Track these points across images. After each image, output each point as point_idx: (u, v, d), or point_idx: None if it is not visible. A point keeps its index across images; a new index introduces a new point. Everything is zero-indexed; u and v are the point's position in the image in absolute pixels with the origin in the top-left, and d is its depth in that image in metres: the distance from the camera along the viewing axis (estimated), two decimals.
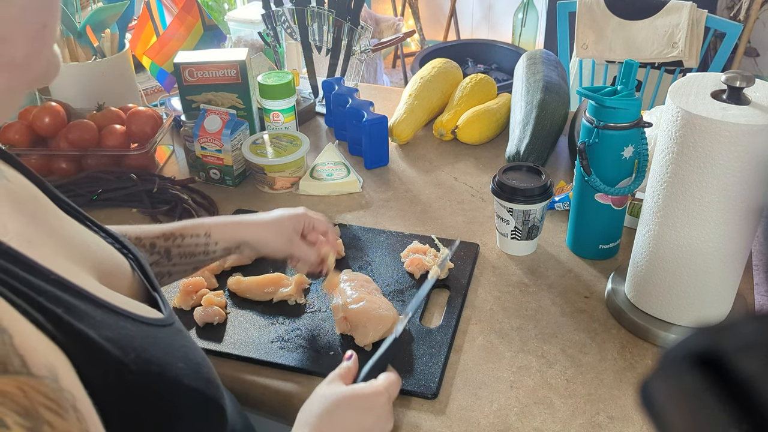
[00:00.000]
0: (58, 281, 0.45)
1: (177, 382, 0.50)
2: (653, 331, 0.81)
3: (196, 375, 0.52)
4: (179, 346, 0.53)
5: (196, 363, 0.54)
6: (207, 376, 0.54)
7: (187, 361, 0.52)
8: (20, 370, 0.36)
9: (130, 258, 0.60)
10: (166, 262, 0.75)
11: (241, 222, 0.80)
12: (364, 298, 0.82)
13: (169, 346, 0.52)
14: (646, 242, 0.80)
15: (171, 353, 0.51)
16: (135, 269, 0.60)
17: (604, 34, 1.81)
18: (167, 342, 0.52)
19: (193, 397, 0.52)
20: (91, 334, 0.44)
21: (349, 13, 1.34)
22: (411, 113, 1.30)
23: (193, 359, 0.54)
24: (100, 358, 0.44)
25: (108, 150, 1.18)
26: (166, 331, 0.53)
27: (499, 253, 0.99)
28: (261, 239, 0.79)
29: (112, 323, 0.47)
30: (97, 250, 0.56)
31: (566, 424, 0.72)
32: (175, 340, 0.53)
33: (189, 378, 0.51)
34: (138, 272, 0.60)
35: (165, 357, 0.50)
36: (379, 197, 1.14)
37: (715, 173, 0.69)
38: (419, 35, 3.42)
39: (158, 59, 1.40)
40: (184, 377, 0.51)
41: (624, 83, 0.87)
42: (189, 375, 0.51)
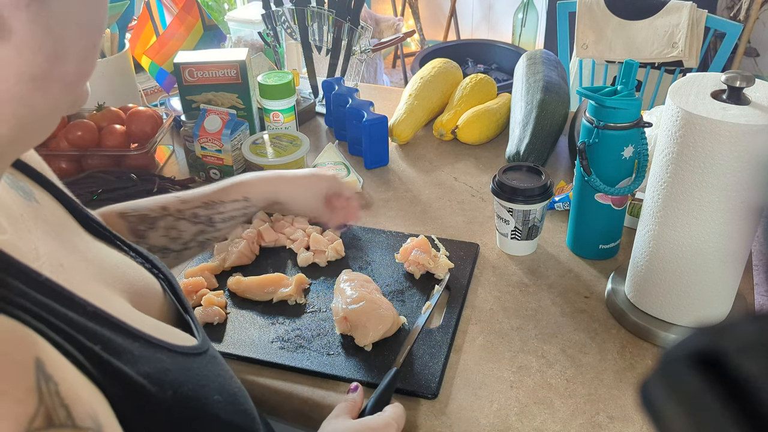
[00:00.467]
0: (96, 313, 0.43)
1: (214, 417, 0.49)
2: (653, 331, 0.81)
3: (233, 408, 0.51)
4: (215, 376, 0.52)
5: (232, 394, 0.53)
6: (243, 407, 0.53)
7: (223, 393, 0.51)
8: (66, 423, 0.35)
9: (160, 278, 0.59)
10: (211, 229, 0.78)
11: (277, 179, 0.82)
12: (364, 298, 0.82)
13: (205, 377, 0.51)
14: (646, 242, 0.80)
15: (207, 385, 0.50)
16: (166, 290, 0.59)
17: (604, 34, 1.82)
18: (203, 373, 0.51)
19: (227, 430, 0.51)
20: (129, 372, 0.43)
21: (349, 13, 1.34)
22: (411, 113, 1.30)
23: (229, 390, 0.53)
24: (138, 396, 0.43)
25: (108, 150, 1.18)
26: (201, 360, 0.52)
27: (499, 253, 0.99)
28: (293, 198, 0.82)
29: (149, 356, 0.46)
30: (128, 271, 0.55)
31: (566, 424, 0.72)
32: (210, 370, 0.52)
33: (226, 411, 0.50)
34: (169, 293, 0.59)
35: (202, 390, 0.49)
36: (379, 197, 1.14)
37: (715, 173, 0.69)
38: (419, 35, 3.42)
39: (158, 59, 1.40)
40: (221, 410, 0.50)
41: (624, 83, 0.87)
42: (226, 408, 0.50)
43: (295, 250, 0.99)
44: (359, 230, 1.04)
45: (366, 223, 1.07)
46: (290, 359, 0.80)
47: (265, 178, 0.81)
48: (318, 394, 0.77)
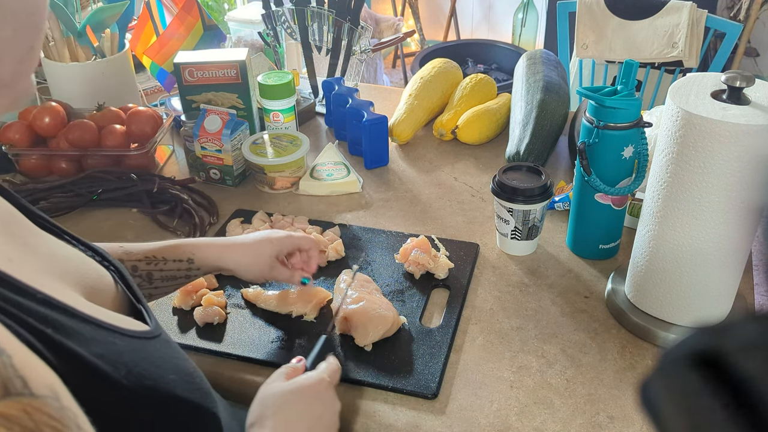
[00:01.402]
0: (45, 300, 0.45)
1: (170, 395, 0.50)
2: (653, 331, 0.81)
3: (188, 386, 0.52)
4: (169, 357, 0.53)
5: (187, 374, 0.54)
6: (199, 385, 0.54)
7: (178, 372, 0.52)
8: (22, 392, 0.36)
9: (112, 270, 0.60)
10: (148, 285, 0.76)
11: (224, 246, 0.80)
12: (364, 298, 0.82)
13: (160, 358, 0.52)
14: (646, 242, 0.80)
15: (162, 366, 0.51)
16: (117, 281, 0.60)
17: (604, 34, 1.81)
18: (157, 354, 0.52)
19: (186, 408, 0.52)
20: (81, 352, 0.44)
21: (349, 13, 1.34)
22: (411, 113, 1.30)
23: (184, 370, 0.54)
24: (92, 377, 0.44)
25: (108, 150, 1.18)
26: (155, 343, 0.53)
27: (499, 253, 0.99)
28: (241, 266, 0.80)
29: (101, 339, 0.47)
30: (79, 264, 0.56)
31: (566, 424, 0.72)
32: (164, 352, 0.53)
33: (182, 389, 0.51)
34: (121, 284, 0.60)
35: (156, 370, 0.50)
36: (379, 197, 1.14)
37: (715, 173, 0.69)
38: (419, 35, 3.42)
39: (158, 59, 1.40)
40: (177, 389, 0.51)
41: (624, 83, 0.87)
42: (181, 386, 0.51)
43: None
44: (359, 230, 1.04)
45: (366, 223, 1.07)
46: (290, 359, 0.80)
47: (212, 243, 0.80)
48: None
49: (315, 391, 0.65)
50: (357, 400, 0.76)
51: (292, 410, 0.63)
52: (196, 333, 0.85)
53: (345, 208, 1.12)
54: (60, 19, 1.27)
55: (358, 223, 1.07)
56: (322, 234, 1.01)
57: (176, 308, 0.89)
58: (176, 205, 1.11)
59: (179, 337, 0.85)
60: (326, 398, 0.66)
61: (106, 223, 1.10)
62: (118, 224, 1.10)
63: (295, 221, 1.05)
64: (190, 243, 0.79)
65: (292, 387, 0.65)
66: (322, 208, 1.12)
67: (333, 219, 1.08)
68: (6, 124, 1.19)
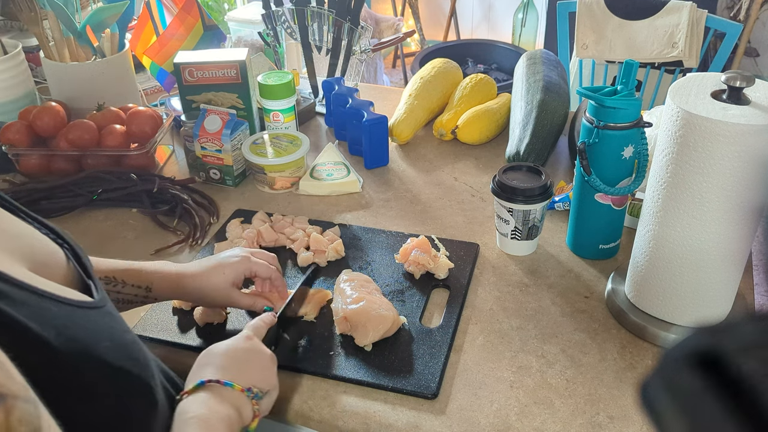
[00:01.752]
0: None
1: (100, 360, 0.51)
2: (653, 331, 0.81)
3: (121, 354, 0.53)
4: (107, 327, 0.54)
5: (123, 343, 0.54)
6: (135, 356, 0.55)
7: (113, 340, 0.53)
8: None
9: (65, 248, 0.61)
10: None
11: (180, 276, 0.79)
12: (364, 298, 0.82)
13: (95, 325, 0.52)
14: (646, 242, 0.80)
15: (96, 333, 0.52)
16: (70, 258, 0.60)
17: (604, 34, 1.81)
18: (93, 322, 0.53)
19: (117, 375, 0.52)
20: (9, 311, 0.45)
21: (349, 13, 1.34)
22: (411, 113, 1.30)
23: (120, 339, 0.54)
24: (20, 335, 0.45)
25: (108, 150, 1.18)
26: (95, 312, 0.54)
27: (499, 253, 0.99)
28: (200, 293, 0.80)
29: (33, 303, 0.48)
30: (30, 240, 0.57)
31: (566, 424, 0.72)
32: (103, 321, 0.54)
33: (113, 356, 0.52)
34: (73, 261, 0.60)
35: (89, 335, 0.51)
36: (379, 197, 1.14)
37: (715, 173, 0.69)
38: (419, 35, 3.42)
39: (158, 59, 1.40)
40: (108, 355, 0.51)
41: (624, 83, 0.87)
42: (114, 354, 0.52)
43: (295, 250, 0.99)
44: (359, 230, 1.04)
45: (366, 223, 1.07)
46: (290, 359, 0.80)
47: (170, 273, 0.79)
48: (318, 394, 0.77)
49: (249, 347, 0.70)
50: (357, 400, 0.76)
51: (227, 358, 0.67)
52: (196, 333, 0.85)
53: (345, 208, 1.12)
54: (60, 19, 1.27)
55: (358, 223, 1.07)
56: (322, 234, 1.01)
57: (176, 308, 0.89)
58: (176, 205, 1.11)
59: (179, 337, 0.85)
60: (250, 346, 0.70)
61: (106, 223, 1.10)
62: (118, 224, 1.10)
63: (295, 221, 1.05)
64: (151, 270, 0.78)
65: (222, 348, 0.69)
66: (322, 208, 1.12)
67: (333, 219, 1.08)
68: (6, 124, 1.19)
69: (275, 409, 0.77)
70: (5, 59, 1.29)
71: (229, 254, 0.83)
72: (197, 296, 0.80)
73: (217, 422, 0.60)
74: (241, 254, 0.83)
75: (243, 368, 0.67)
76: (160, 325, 0.87)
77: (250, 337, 0.71)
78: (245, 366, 0.67)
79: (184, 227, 1.08)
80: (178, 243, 1.04)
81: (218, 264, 0.81)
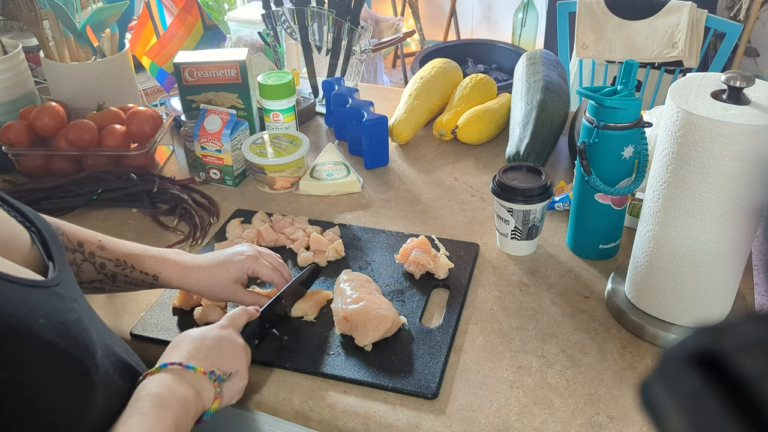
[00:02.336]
0: None
1: (32, 335, 0.51)
2: (653, 331, 0.81)
3: (57, 332, 0.53)
4: (49, 305, 0.54)
5: (63, 323, 0.55)
6: (72, 335, 0.55)
7: (50, 318, 0.53)
8: None
9: (32, 231, 0.62)
10: (110, 284, 0.79)
11: (188, 268, 0.81)
12: (364, 298, 0.82)
13: (35, 303, 0.53)
14: (646, 242, 0.80)
15: (34, 310, 0.52)
16: (35, 242, 0.61)
17: (604, 34, 1.81)
18: (35, 300, 0.53)
19: (49, 351, 0.53)
20: None
21: (349, 13, 1.34)
22: (411, 113, 1.30)
23: (60, 318, 0.55)
24: None
25: (108, 150, 1.18)
26: (38, 291, 0.55)
27: (499, 253, 0.99)
28: (202, 289, 0.82)
29: None
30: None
31: (566, 424, 0.72)
32: (46, 300, 0.55)
33: (47, 333, 0.52)
34: (38, 243, 0.61)
35: (24, 311, 0.51)
36: (379, 197, 1.14)
37: (715, 173, 0.69)
38: (419, 35, 3.42)
39: (159, 60, 1.40)
40: (42, 332, 0.52)
41: (624, 83, 0.87)
42: (49, 331, 0.52)
43: (295, 250, 0.99)
44: (359, 230, 1.04)
45: (366, 223, 1.07)
46: (290, 359, 0.80)
47: (179, 264, 0.81)
48: (318, 394, 0.77)
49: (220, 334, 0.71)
50: (357, 400, 0.76)
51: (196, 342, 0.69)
52: None
53: (345, 208, 1.12)
54: (60, 19, 1.27)
55: (358, 223, 1.07)
56: (322, 234, 1.01)
57: (176, 308, 0.89)
58: (176, 205, 1.11)
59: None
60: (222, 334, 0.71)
61: (106, 223, 1.10)
62: (118, 224, 1.10)
63: (295, 221, 1.05)
64: (160, 259, 0.81)
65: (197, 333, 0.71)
66: (322, 208, 1.12)
67: (333, 219, 1.08)
68: (6, 124, 1.19)
69: (275, 409, 0.78)
70: (5, 59, 1.29)
71: (236, 251, 0.84)
72: (202, 290, 0.82)
73: (171, 401, 0.61)
74: (247, 252, 0.84)
75: (210, 354, 0.68)
76: (160, 325, 0.87)
77: (224, 326, 0.73)
78: (213, 352, 0.69)
79: (184, 227, 1.08)
80: (178, 243, 1.04)
81: (224, 260, 0.82)
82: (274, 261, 0.87)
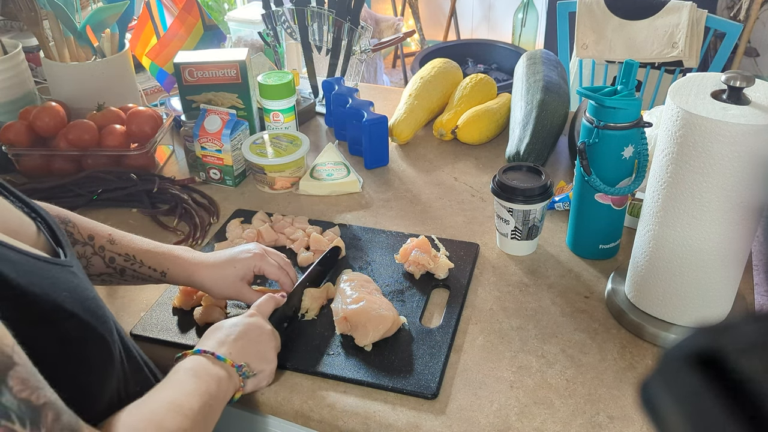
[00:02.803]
0: None
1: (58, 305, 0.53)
2: (653, 331, 0.81)
3: (79, 305, 0.55)
4: (68, 280, 0.56)
5: (83, 297, 0.56)
6: (92, 309, 0.57)
7: (71, 292, 0.55)
8: None
9: (38, 221, 0.63)
10: (119, 277, 0.80)
11: (196, 265, 0.82)
12: (364, 298, 0.82)
13: (55, 277, 0.55)
14: (646, 242, 0.80)
15: (56, 283, 0.54)
16: (42, 230, 0.62)
17: (604, 34, 1.81)
18: (53, 274, 0.55)
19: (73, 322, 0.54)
20: None
21: (349, 13, 1.34)
22: (411, 113, 1.30)
23: (81, 293, 0.56)
24: None
25: (108, 150, 1.18)
26: (57, 268, 0.56)
27: (499, 253, 0.99)
28: (208, 286, 0.82)
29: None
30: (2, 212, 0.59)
31: (566, 424, 0.72)
32: (66, 276, 0.56)
33: (71, 305, 0.54)
34: (44, 232, 0.62)
35: (48, 284, 0.53)
36: (379, 197, 1.14)
37: (715, 173, 0.69)
38: (419, 35, 3.42)
39: (159, 60, 1.40)
40: (66, 302, 0.53)
41: (624, 83, 0.87)
42: (72, 303, 0.54)
43: (295, 250, 0.99)
44: (359, 230, 1.04)
45: (366, 223, 1.07)
46: (290, 359, 0.80)
47: (187, 261, 0.82)
48: (318, 394, 0.77)
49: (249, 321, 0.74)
50: (357, 400, 0.76)
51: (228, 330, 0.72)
52: (196, 333, 0.85)
53: (345, 208, 1.12)
54: (60, 19, 1.27)
55: (358, 223, 1.07)
56: (322, 234, 1.01)
57: (176, 308, 0.89)
58: (176, 205, 1.11)
59: (179, 337, 0.85)
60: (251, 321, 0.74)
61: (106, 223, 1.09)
62: (118, 224, 1.09)
63: (295, 221, 1.05)
64: (169, 255, 0.81)
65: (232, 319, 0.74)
66: (322, 208, 1.12)
67: (333, 219, 1.08)
68: (6, 124, 1.19)
69: (274, 409, 0.78)
70: (5, 59, 1.29)
71: (243, 249, 0.85)
72: (208, 287, 0.82)
73: (206, 375, 0.64)
74: (254, 251, 0.85)
75: (239, 340, 0.71)
76: (160, 325, 0.87)
77: (252, 314, 0.75)
78: (242, 339, 0.71)
79: (184, 227, 1.08)
80: (178, 243, 1.04)
81: (231, 258, 0.83)
82: (280, 260, 0.87)
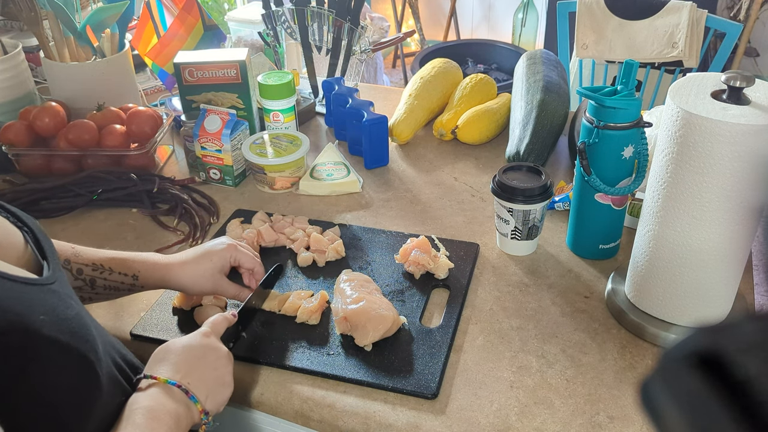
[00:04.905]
0: None
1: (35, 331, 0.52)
2: (653, 331, 0.81)
3: (58, 327, 0.54)
4: (47, 302, 0.55)
5: (63, 318, 0.55)
6: (73, 329, 0.56)
7: (50, 314, 0.54)
8: None
9: (24, 231, 0.62)
10: (90, 290, 0.78)
11: (168, 266, 0.81)
12: (364, 298, 0.82)
13: (32, 300, 0.54)
14: (646, 242, 0.80)
15: (33, 307, 0.53)
16: (28, 241, 0.62)
17: (604, 34, 1.81)
18: (33, 297, 0.54)
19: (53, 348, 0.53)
20: None
21: (349, 13, 1.34)
22: (411, 113, 1.30)
23: (60, 314, 0.55)
24: None
25: (108, 150, 1.18)
26: (37, 289, 0.55)
27: (499, 253, 0.99)
28: (184, 285, 0.82)
29: None
30: None
31: (566, 424, 0.72)
32: (44, 297, 0.55)
33: (49, 329, 0.53)
34: (31, 243, 0.62)
35: (24, 308, 0.52)
36: (379, 197, 1.14)
37: (715, 173, 0.69)
38: (419, 35, 3.42)
39: (159, 60, 1.40)
40: (44, 328, 0.52)
41: (624, 83, 0.87)
42: (50, 326, 0.53)
43: (295, 250, 0.99)
44: (359, 230, 1.04)
45: (366, 223, 1.07)
46: (290, 359, 0.80)
47: (157, 264, 0.81)
48: (318, 394, 0.77)
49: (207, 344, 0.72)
50: (357, 400, 0.76)
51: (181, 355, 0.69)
52: None
53: (345, 208, 1.12)
54: (60, 19, 1.27)
55: (358, 223, 1.07)
56: (322, 234, 1.01)
57: (176, 308, 0.89)
58: (176, 205, 1.11)
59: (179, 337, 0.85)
60: (206, 343, 0.72)
61: (106, 223, 1.10)
62: (118, 224, 1.10)
63: (295, 221, 1.05)
64: (138, 260, 0.80)
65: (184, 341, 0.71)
66: (322, 208, 1.12)
67: (333, 219, 1.08)
68: (6, 124, 1.19)
69: (274, 409, 0.78)
70: (5, 59, 1.29)
71: (215, 242, 0.86)
72: (186, 284, 0.82)
73: (163, 414, 0.62)
74: (227, 242, 0.85)
75: (197, 365, 0.69)
76: (160, 325, 0.87)
77: (207, 333, 0.73)
78: (199, 363, 0.69)
79: (184, 227, 1.08)
80: (178, 243, 1.04)
81: (206, 252, 0.83)
82: (250, 251, 0.88)
